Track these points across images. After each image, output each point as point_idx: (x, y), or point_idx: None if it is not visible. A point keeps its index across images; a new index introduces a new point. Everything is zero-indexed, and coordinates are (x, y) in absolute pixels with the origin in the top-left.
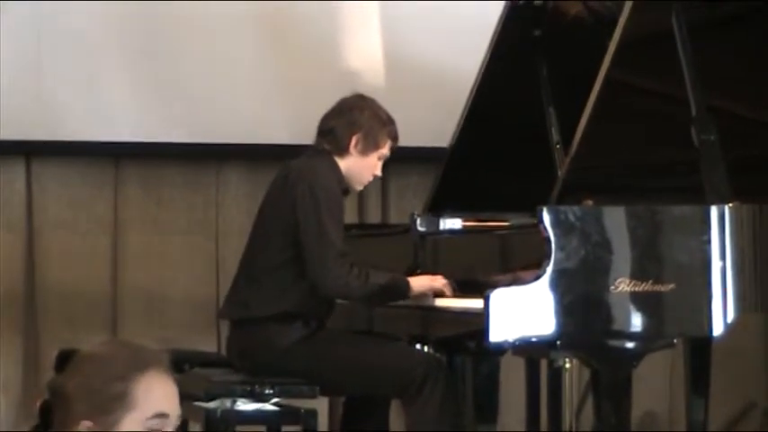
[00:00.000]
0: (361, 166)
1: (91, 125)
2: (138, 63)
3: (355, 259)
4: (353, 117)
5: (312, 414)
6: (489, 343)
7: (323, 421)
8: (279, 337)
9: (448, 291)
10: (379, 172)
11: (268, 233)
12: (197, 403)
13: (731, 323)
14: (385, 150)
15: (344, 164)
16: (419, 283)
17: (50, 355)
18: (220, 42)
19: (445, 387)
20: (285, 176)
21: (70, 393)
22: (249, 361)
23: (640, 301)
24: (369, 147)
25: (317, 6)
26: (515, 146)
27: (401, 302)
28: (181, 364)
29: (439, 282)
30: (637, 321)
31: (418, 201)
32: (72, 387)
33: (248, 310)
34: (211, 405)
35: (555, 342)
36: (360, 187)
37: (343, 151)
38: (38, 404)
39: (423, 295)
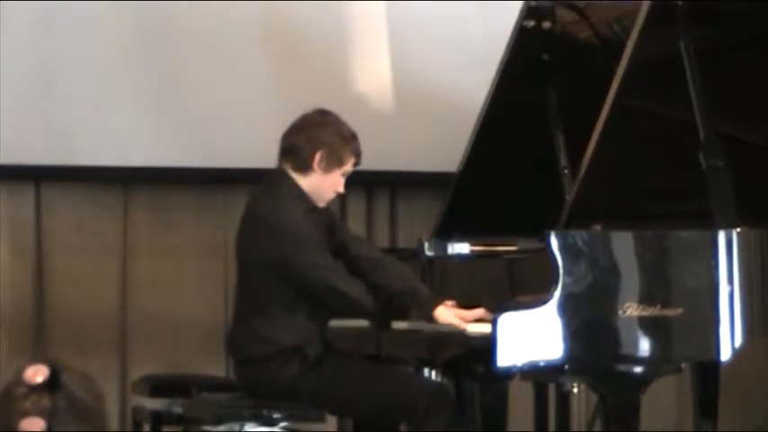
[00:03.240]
0: (324, 184)
1: (100, 150)
2: (148, 88)
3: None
4: (316, 133)
5: None
6: (497, 368)
7: None
8: (279, 375)
9: (464, 327)
10: (341, 189)
11: (251, 277)
12: (205, 427)
13: (739, 348)
14: (348, 167)
15: (307, 182)
16: (447, 315)
17: None
18: (229, 67)
19: (451, 413)
20: (254, 221)
21: None
22: (255, 393)
23: (648, 325)
24: (332, 164)
25: (326, 31)
26: (523, 170)
27: (409, 327)
28: (189, 388)
29: (463, 324)
30: (645, 346)
31: (426, 225)
32: None
33: (244, 351)
34: (220, 429)
35: (563, 367)
36: (322, 204)
37: (307, 168)
38: None
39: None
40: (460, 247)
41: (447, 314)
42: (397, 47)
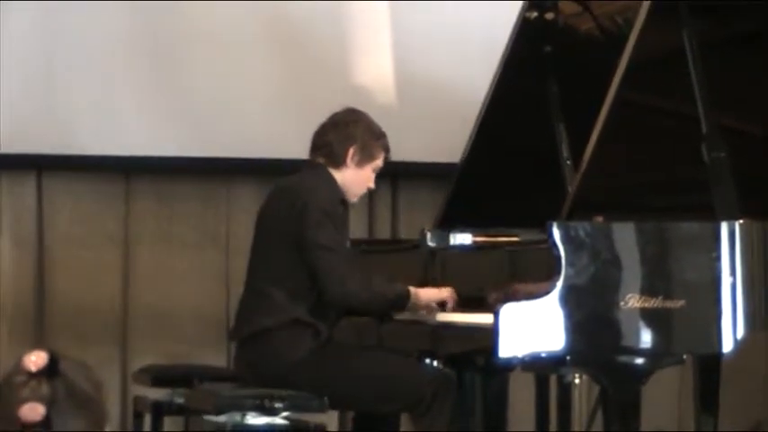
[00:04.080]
0: (357, 178)
1: (102, 139)
2: (150, 78)
3: (365, 273)
4: (349, 130)
5: (321, 429)
6: (499, 359)
7: None
8: (288, 349)
9: (451, 302)
10: (372, 184)
11: (271, 248)
12: (207, 417)
13: (741, 340)
14: (379, 162)
15: (340, 176)
16: (424, 292)
17: None
18: (232, 58)
19: (455, 403)
20: (283, 192)
21: None
22: (258, 374)
23: (650, 317)
24: (365, 158)
25: (328, 23)
26: (526, 162)
27: (411, 317)
28: (190, 379)
29: (444, 292)
30: (646, 338)
31: (428, 216)
32: None
33: (257, 322)
34: (221, 419)
35: (564, 358)
36: (354, 199)
37: (340, 164)
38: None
39: (428, 306)
40: (462, 238)
41: (426, 290)
42: (399, 37)
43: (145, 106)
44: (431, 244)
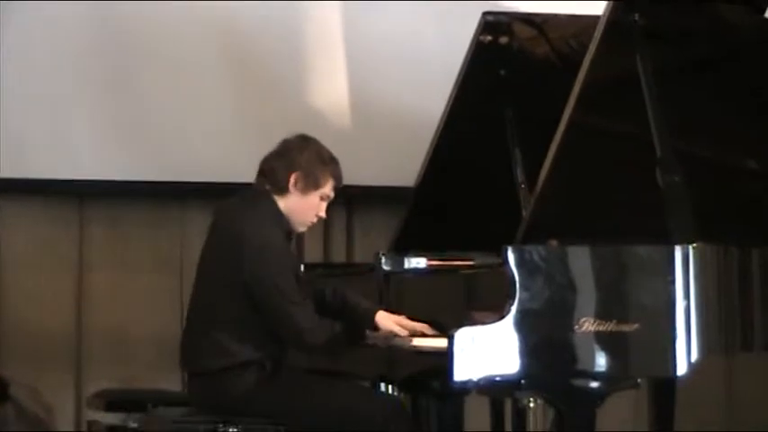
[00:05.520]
0: (303, 206)
1: (56, 163)
2: (103, 101)
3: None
4: (292, 156)
5: None
6: (454, 382)
7: None
8: (234, 386)
9: (404, 333)
10: (323, 213)
11: (214, 287)
12: None
13: (695, 363)
14: (327, 190)
15: (285, 203)
16: (385, 323)
17: None
18: (185, 82)
19: (408, 429)
20: (225, 227)
21: None
22: (207, 405)
23: (605, 340)
24: (309, 186)
25: (283, 48)
26: (480, 186)
27: (367, 341)
28: (145, 403)
29: (403, 330)
30: (601, 361)
31: (383, 240)
32: None
33: (202, 365)
34: None
35: (519, 381)
36: (302, 228)
37: (283, 190)
38: None
39: (384, 335)
40: (417, 262)
41: (387, 321)
42: (354, 62)
43: (99, 131)
44: (386, 267)
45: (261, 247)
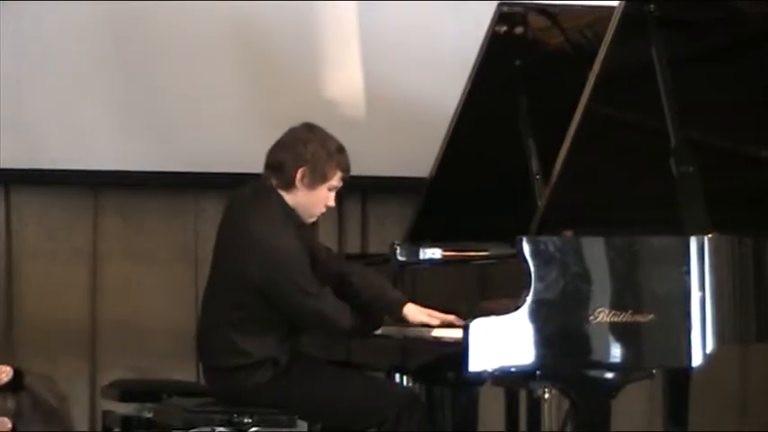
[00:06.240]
0: (310, 200)
1: (70, 154)
2: (118, 92)
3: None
4: (299, 150)
5: None
6: (468, 373)
7: None
8: (249, 382)
9: (436, 323)
10: (331, 203)
11: (227, 284)
12: None
13: (710, 354)
14: (334, 182)
15: (292, 198)
16: (414, 314)
17: None
18: (200, 72)
19: (422, 420)
20: (235, 226)
21: None
22: (222, 397)
23: (619, 331)
24: (316, 180)
25: (297, 37)
26: (495, 176)
27: (380, 332)
28: (159, 394)
29: (434, 321)
30: (616, 352)
31: (398, 230)
32: None
33: (218, 361)
34: None
35: (534, 372)
36: (311, 220)
37: (290, 185)
38: None
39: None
40: (432, 253)
41: (416, 312)
42: (368, 52)
43: (113, 121)
44: (401, 258)
45: (271, 250)
